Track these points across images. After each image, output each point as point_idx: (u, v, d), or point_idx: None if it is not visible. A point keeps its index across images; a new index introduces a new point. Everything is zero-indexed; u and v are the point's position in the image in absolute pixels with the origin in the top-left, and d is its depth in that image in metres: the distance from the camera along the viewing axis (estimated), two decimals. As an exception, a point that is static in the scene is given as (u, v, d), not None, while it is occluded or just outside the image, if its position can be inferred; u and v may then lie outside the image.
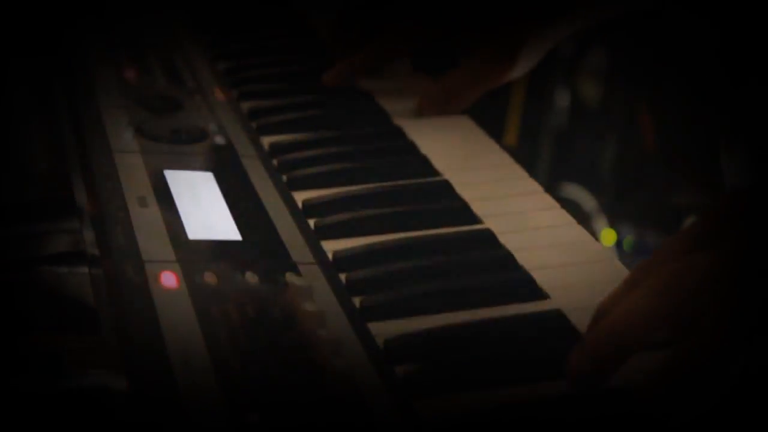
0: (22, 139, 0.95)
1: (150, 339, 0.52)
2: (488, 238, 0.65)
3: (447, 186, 0.72)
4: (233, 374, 0.49)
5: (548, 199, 0.72)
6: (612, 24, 2.06)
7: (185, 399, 0.48)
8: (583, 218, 1.99)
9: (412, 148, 0.78)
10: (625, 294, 0.50)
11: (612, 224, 2.02)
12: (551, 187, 2.00)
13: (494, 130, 0.87)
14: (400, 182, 0.73)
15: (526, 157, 2.02)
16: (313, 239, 0.65)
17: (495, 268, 0.62)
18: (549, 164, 2.10)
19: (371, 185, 0.72)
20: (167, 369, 0.49)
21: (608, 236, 2.01)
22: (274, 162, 0.75)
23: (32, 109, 0.96)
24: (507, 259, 0.63)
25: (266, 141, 0.79)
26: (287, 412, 0.47)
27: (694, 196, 1.96)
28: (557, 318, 0.57)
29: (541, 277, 0.61)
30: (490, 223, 0.67)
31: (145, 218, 0.64)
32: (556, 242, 0.66)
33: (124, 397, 0.51)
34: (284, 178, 0.73)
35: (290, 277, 0.59)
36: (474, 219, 0.68)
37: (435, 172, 0.75)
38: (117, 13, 1.04)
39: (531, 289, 0.60)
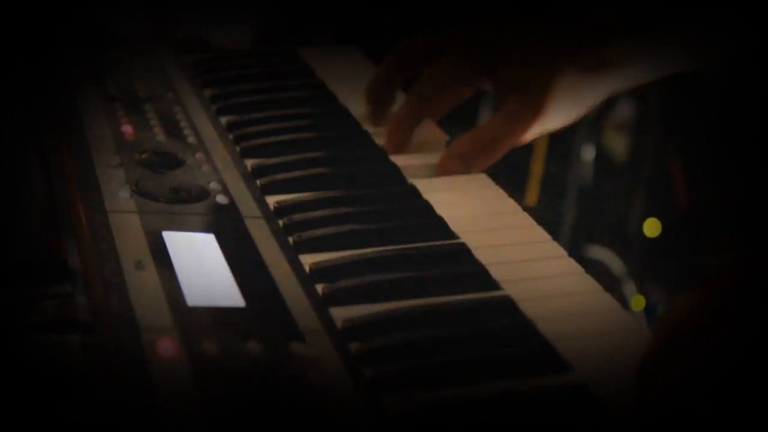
0: (11, 198, 0.96)
1: (146, 411, 0.52)
2: (507, 305, 0.66)
3: (464, 249, 0.73)
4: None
5: (572, 264, 0.73)
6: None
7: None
8: (610, 283, 1.99)
9: (426, 209, 0.79)
10: None
11: (641, 290, 2.02)
12: (576, 250, 2.01)
13: (514, 188, 0.88)
14: (414, 245, 0.74)
15: (548, 217, 2.03)
16: (320, 306, 0.65)
17: (514, 338, 0.63)
18: (573, 225, 2.11)
19: (383, 248, 0.73)
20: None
21: (638, 303, 2.01)
22: (280, 223, 0.76)
23: (23, 167, 0.98)
24: (527, 329, 0.63)
25: (271, 200, 0.80)
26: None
27: (732, 257, 1.96)
28: (582, 393, 0.57)
29: (564, 348, 0.61)
30: (509, 290, 0.68)
31: (142, 283, 0.65)
32: (580, 310, 0.67)
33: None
34: (291, 240, 0.74)
35: (296, 346, 0.59)
36: (492, 285, 0.69)
37: (451, 235, 0.76)
38: (113, 65, 1.06)
39: (553, 361, 0.60)
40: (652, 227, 2.02)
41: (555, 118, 0.88)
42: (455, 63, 0.90)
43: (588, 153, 2.13)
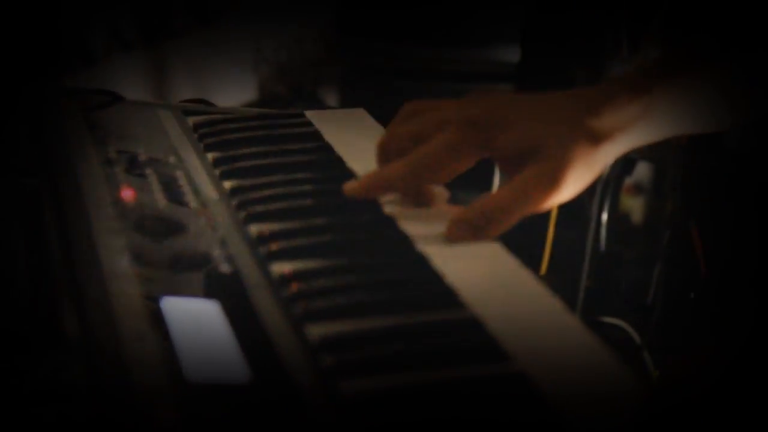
0: (4, 263, 0.96)
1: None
2: (520, 381, 0.66)
3: (475, 321, 0.73)
4: None
5: (588, 336, 0.73)
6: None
7: None
8: (628, 355, 1.98)
9: (437, 279, 0.79)
10: None
11: (658, 363, 2.02)
12: (592, 321, 2.01)
13: (528, 256, 0.88)
14: (424, 317, 0.74)
15: (562, 286, 2.03)
16: (329, 379, 0.65)
17: (527, 416, 0.63)
18: (589, 295, 2.10)
19: (393, 319, 0.73)
20: None
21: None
22: (286, 292, 0.77)
23: (17, 232, 0.98)
24: (541, 407, 0.63)
25: (276, 268, 0.80)
26: None
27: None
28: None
29: (581, 426, 0.61)
30: (522, 364, 0.68)
31: (141, 355, 0.65)
32: (596, 385, 0.67)
33: None
34: (297, 310, 0.74)
35: (301, 421, 0.59)
36: (504, 358, 0.69)
37: (462, 305, 0.76)
38: (113, 127, 1.07)
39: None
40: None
41: (570, 187, 0.88)
42: (457, 141, 0.90)
43: (603, 218, 2.14)
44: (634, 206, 2.20)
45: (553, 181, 0.87)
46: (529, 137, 0.88)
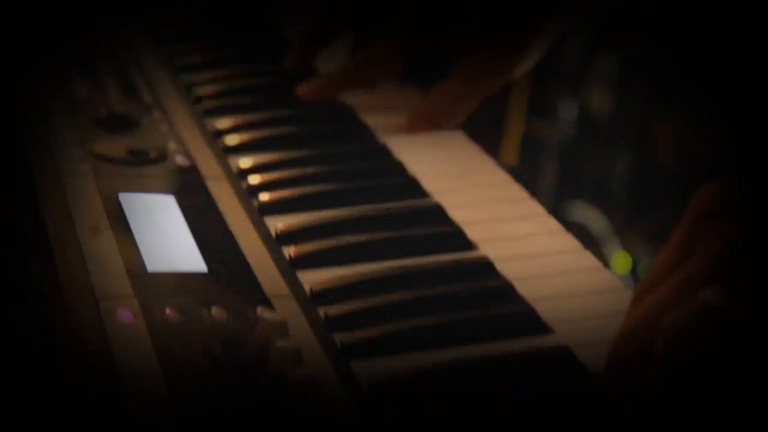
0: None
1: (105, 383, 0.52)
2: (484, 266, 0.66)
3: (438, 209, 0.73)
4: (198, 420, 0.50)
5: (552, 223, 0.73)
6: (623, 26, 2.08)
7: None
8: (592, 242, 2.00)
9: (398, 168, 0.79)
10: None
11: (626, 247, 2.04)
12: (556, 208, 2.01)
13: (491, 146, 0.88)
14: (386, 205, 0.73)
15: (527, 175, 2.04)
16: (288, 270, 0.65)
17: (492, 300, 0.63)
18: (553, 183, 2.11)
19: (353, 209, 0.72)
20: (124, 415, 0.50)
21: (622, 261, 2.02)
22: (244, 184, 0.76)
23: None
24: (506, 290, 0.63)
25: (234, 161, 0.79)
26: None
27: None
28: (562, 354, 0.57)
29: (544, 310, 0.61)
30: (486, 250, 0.68)
31: (99, 248, 0.64)
32: (560, 270, 0.67)
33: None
34: (255, 202, 0.73)
35: (262, 311, 0.59)
36: (468, 245, 0.69)
37: (425, 194, 0.75)
38: (66, 24, 1.04)
39: (533, 323, 0.60)
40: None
41: (522, 64, 0.88)
42: (404, 36, 0.89)
43: (569, 110, 2.14)
44: (600, 99, 2.20)
45: (503, 62, 0.87)
46: (476, 22, 0.88)
